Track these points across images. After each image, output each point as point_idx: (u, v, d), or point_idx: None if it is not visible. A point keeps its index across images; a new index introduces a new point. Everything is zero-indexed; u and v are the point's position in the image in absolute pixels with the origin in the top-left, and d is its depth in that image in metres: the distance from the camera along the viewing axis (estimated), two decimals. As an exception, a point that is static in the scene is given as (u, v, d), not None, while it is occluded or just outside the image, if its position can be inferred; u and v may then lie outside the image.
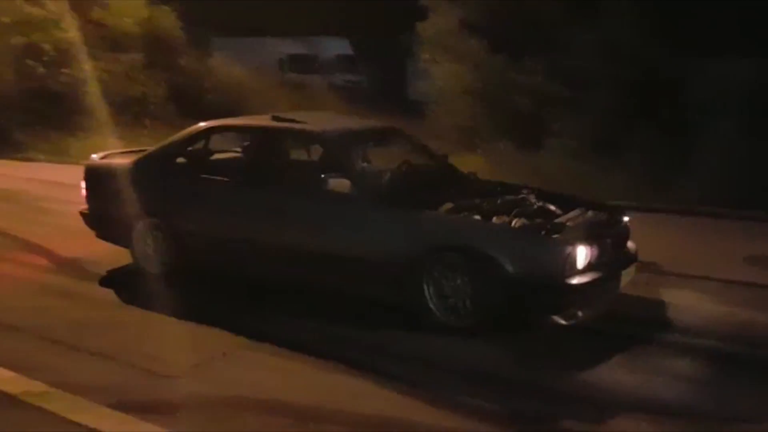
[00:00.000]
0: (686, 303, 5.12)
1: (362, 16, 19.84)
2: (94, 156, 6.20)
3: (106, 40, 15.15)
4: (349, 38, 21.87)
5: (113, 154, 6.34)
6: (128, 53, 15.25)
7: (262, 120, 5.78)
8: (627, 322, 4.75)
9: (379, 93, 17.88)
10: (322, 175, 5.00)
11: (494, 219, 4.77)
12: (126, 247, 5.73)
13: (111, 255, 5.92)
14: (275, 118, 5.60)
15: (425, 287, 4.62)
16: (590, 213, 5.06)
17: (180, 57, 16.07)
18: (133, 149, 6.60)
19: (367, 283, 4.84)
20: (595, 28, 9.84)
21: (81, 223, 6.06)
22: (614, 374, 4.03)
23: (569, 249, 4.43)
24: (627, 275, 4.87)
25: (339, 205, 4.95)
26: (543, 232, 4.53)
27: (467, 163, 7.40)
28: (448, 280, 4.58)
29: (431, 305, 4.62)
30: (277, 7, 18.98)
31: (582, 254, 4.47)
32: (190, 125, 5.96)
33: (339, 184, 4.96)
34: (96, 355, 4.21)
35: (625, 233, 5.08)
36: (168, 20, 16.04)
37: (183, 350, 4.36)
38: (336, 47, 21.72)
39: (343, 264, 4.87)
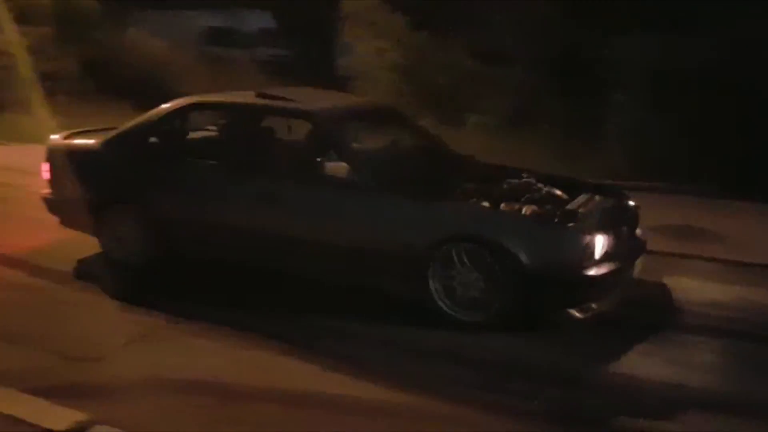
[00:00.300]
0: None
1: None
2: (54, 136, 5.69)
3: (12, 13, 14.49)
4: (271, 11, 21.54)
5: (76, 133, 5.79)
6: (37, 26, 14.62)
7: (248, 97, 5.34)
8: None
9: (305, 67, 17.73)
10: (318, 159, 4.65)
11: (502, 206, 4.49)
12: (93, 235, 5.36)
13: (71, 244, 5.55)
14: (261, 95, 5.22)
15: (431, 279, 4.35)
16: (597, 198, 4.80)
17: (95, 31, 15.51)
18: (97, 128, 6.03)
19: (367, 274, 4.57)
20: (513, 6, 10.07)
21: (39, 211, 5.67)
22: (638, 363, 3.98)
23: (587, 238, 4.18)
24: (639, 264, 4.65)
25: (336, 191, 4.59)
26: (557, 221, 4.27)
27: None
28: (456, 272, 4.32)
29: (437, 298, 4.37)
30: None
31: (600, 244, 4.23)
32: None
33: (336, 168, 4.58)
34: (16, 342, 4.13)
35: (635, 218, 4.85)
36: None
37: (110, 334, 4.31)
38: (258, 20, 21.36)
39: (340, 254, 4.57)
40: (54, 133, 5.84)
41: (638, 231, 4.85)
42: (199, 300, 4.73)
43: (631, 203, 4.94)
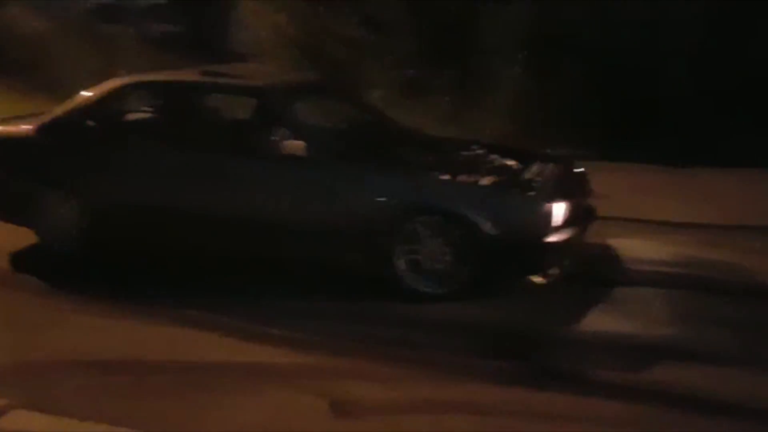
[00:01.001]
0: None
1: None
2: None
3: None
4: (161, -14, 20.89)
5: (7, 120, 5.64)
6: None
7: (191, 75, 5.28)
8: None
9: (199, 44, 17.38)
10: (272, 136, 4.61)
11: (461, 177, 4.54)
12: (27, 225, 5.20)
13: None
14: (205, 73, 5.16)
15: (394, 252, 4.38)
16: (550, 166, 4.91)
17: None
18: (20, 114, 5.87)
19: (329, 252, 4.58)
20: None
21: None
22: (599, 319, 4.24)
23: (547, 206, 4.32)
24: (589, 228, 4.86)
25: (292, 168, 4.56)
26: (517, 190, 4.41)
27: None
28: (421, 246, 4.36)
29: (401, 272, 4.41)
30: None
31: (559, 211, 4.37)
32: None
33: (292, 145, 4.54)
34: None
35: (586, 185, 5.01)
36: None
37: (27, 322, 4.32)
38: (148, -5, 20.71)
39: (299, 233, 4.55)
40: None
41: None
42: (125, 284, 4.72)
43: (581, 170, 5.09)
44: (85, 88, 5.45)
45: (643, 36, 8.93)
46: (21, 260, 5.21)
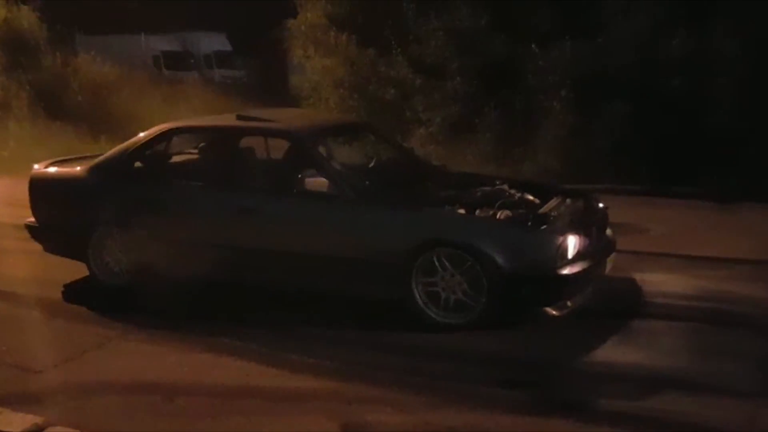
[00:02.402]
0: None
1: (238, 12, 19.95)
2: (36, 166, 5.85)
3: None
4: (225, 33, 21.87)
5: (58, 162, 5.95)
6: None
7: (228, 120, 5.63)
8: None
9: (259, 87, 18.11)
10: (299, 175, 4.90)
11: (477, 212, 4.72)
12: (79, 259, 5.50)
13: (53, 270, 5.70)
14: (240, 118, 5.48)
15: (413, 284, 4.54)
16: (568, 201, 5.04)
17: (43, 57, 15.60)
18: (76, 156, 6.25)
19: (352, 283, 4.75)
20: (448, 23, 10.63)
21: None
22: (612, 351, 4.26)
23: (560, 239, 4.42)
24: (610, 262, 4.91)
25: (317, 204, 4.83)
26: (530, 224, 4.49)
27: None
28: (439, 277, 4.52)
29: (420, 303, 4.56)
30: (147, 4, 18.78)
31: (572, 244, 4.46)
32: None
33: (316, 183, 4.83)
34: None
35: (604, 219, 5.10)
36: (28, 20, 15.53)
37: (57, 346, 4.60)
38: (213, 43, 21.73)
39: (324, 265, 4.77)
40: (6, 161, 5.98)
41: (608, 231, 5.10)
42: (166, 314, 4.88)
43: (600, 205, 5.19)
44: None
45: (689, 73, 8.93)
46: (73, 291, 5.53)
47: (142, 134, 5.58)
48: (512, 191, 5.07)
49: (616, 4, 9.20)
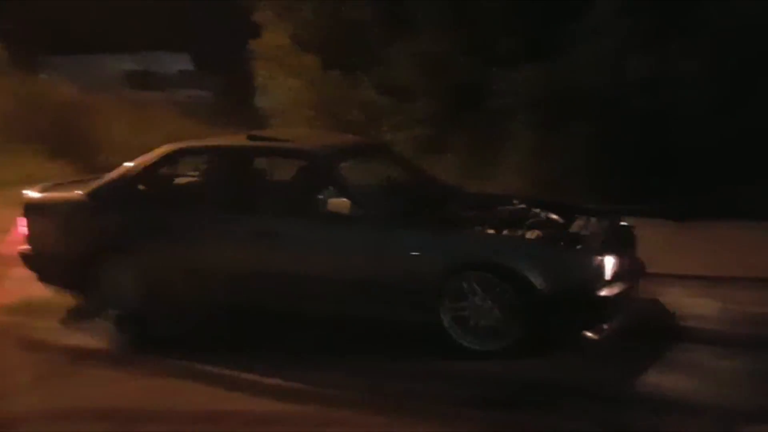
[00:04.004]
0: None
1: (201, 32, 19.87)
2: (28, 191, 5.53)
3: None
4: (189, 53, 21.76)
5: (51, 186, 5.67)
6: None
7: (239, 140, 5.40)
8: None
9: (225, 107, 18.01)
10: (320, 196, 4.74)
11: (505, 232, 4.54)
12: (75, 289, 5.27)
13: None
14: (252, 137, 5.28)
15: (442, 311, 4.34)
16: (593, 220, 4.86)
17: (3, 78, 15.28)
18: (70, 180, 5.93)
19: (376, 308, 4.54)
20: (414, 45, 10.71)
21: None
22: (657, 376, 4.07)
23: (598, 260, 4.25)
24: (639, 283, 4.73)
25: (341, 226, 4.61)
26: (566, 244, 4.33)
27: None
28: (469, 302, 4.32)
29: (449, 329, 4.36)
30: (109, 24, 18.60)
31: (609, 264, 4.29)
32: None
33: (338, 204, 4.61)
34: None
35: (633, 239, 4.91)
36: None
37: (15, 373, 4.49)
38: (176, 62, 21.58)
39: (347, 289, 4.57)
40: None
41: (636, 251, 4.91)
42: (137, 339, 4.85)
43: (626, 224, 5.02)
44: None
45: (651, 93, 9.11)
46: (33, 316, 5.36)
47: (145, 156, 5.34)
48: (536, 210, 4.86)
49: (579, 27, 9.37)
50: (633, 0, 9.10)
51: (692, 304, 5.23)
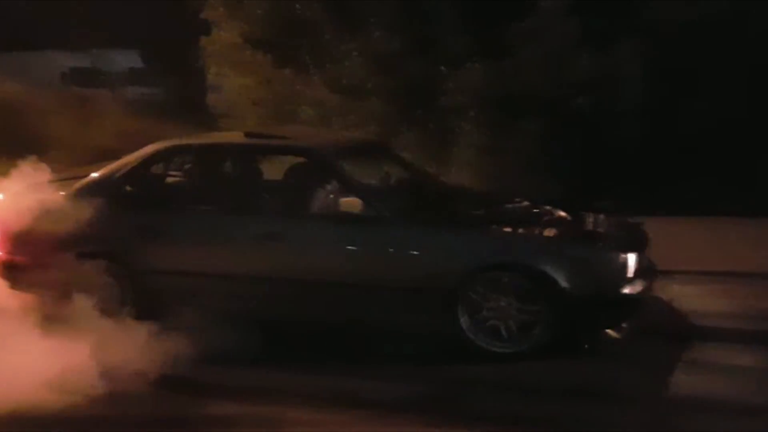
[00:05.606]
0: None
1: (150, 28, 19.56)
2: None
3: None
4: (138, 50, 21.39)
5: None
6: None
7: (236, 138, 5.21)
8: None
9: (176, 106, 17.76)
10: (331, 195, 4.53)
11: (520, 230, 4.37)
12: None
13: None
14: (249, 135, 5.06)
15: (459, 310, 4.17)
16: (602, 217, 4.73)
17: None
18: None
19: (391, 310, 4.36)
20: (366, 45, 10.74)
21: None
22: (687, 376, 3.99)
23: (621, 257, 4.16)
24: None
25: (352, 226, 4.40)
26: (588, 241, 4.23)
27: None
28: (489, 303, 4.17)
29: (468, 331, 4.20)
30: (54, 21, 18.16)
31: (632, 261, 4.21)
32: None
33: (349, 203, 4.47)
34: None
35: (644, 236, 4.75)
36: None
37: None
38: (125, 60, 21.19)
39: (359, 293, 4.36)
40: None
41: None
42: None
43: (637, 222, 4.87)
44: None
45: (595, 91, 9.32)
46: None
47: (132, 155, 5.04)
48: (547, 208, 4.70)
49: (526, 26, 9.51)
50: (579, 0, 9.30)
51: (706, 301, 5.25)
